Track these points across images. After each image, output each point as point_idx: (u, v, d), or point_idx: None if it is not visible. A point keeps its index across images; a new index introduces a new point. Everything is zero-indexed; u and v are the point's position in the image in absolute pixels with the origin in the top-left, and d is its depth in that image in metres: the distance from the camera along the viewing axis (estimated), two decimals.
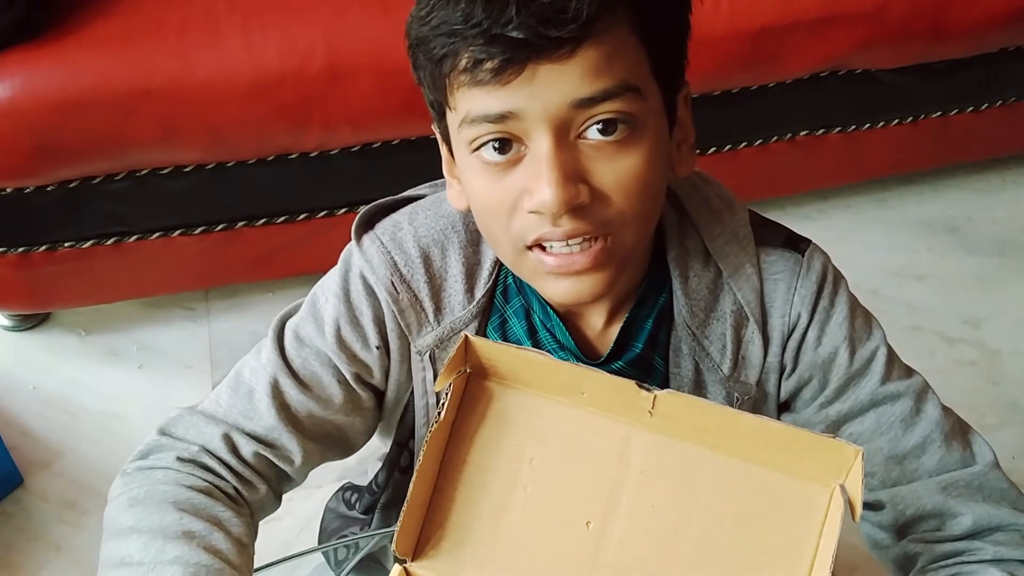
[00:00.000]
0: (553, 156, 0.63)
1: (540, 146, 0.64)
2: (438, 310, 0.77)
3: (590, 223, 0.65)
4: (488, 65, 0.62)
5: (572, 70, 0.62)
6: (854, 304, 0.78)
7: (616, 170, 0.65)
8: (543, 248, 0.67)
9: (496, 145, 0.65)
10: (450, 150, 0.72)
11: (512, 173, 0.66)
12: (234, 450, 0.76)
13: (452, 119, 0.68)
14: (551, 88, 0.62)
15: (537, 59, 0.61)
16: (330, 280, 0.80)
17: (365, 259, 0.77)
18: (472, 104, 0.64)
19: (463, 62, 0.63)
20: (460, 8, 0.62)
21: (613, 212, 0.66)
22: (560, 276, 0.68)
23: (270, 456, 0.77)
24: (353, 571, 0.97)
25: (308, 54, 1.39)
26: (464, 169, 0.69)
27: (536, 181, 0.64)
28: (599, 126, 0.64)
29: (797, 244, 0.78)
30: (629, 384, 0.63)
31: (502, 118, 0.63)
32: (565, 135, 0.64)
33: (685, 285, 0.76)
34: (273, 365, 0.78)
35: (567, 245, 0.66)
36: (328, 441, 0.81)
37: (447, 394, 0.64)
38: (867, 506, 0.79)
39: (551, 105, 0.62)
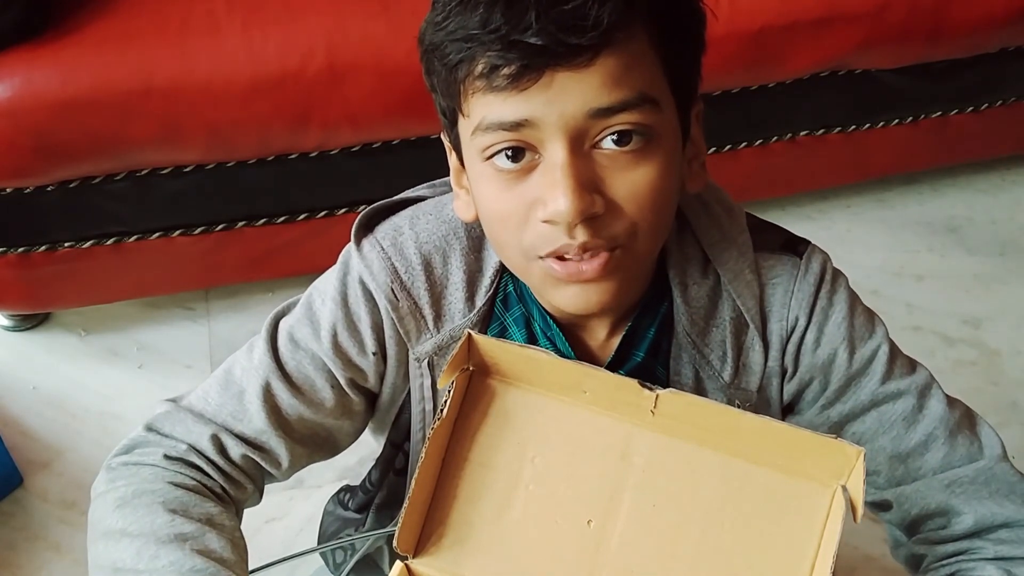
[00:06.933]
0: (568, 165, 0.62)
1: (555, 155, 0.63)
2: (438, 317, 0.77)
3: (604, 235, 0.64)
4: (505, 71, 0.61)
5: (590, 78, 0.61)
6: (854, 303, 0.78)
7: (630, 181, 0.64)
8: (555, 256, 0.66)
9: (509, 153, 0.64)
10: (459, 160, 0.71)
11: (525, 182, 0.65)
12: (222, 451, 0.76)
13: (464, 127, 0.67)
14: (568, 96, 0.61)
15: (555, 66, 0.60)
16: (327, 282, 0.79)
17: (364, 264, 0.76)
18: (487, 111, 0.63)
19: (479, 68, 0.62)
20: (478, 13, 0.61)
21: (626, 223, 0.65)
22: (569, 283, 0.67)
23: (258, 459, 0.77)
24: (351, 573, 0.97)
25: (308, 54, 1.38)
26: (475, 177, 0.68)
27: (551, 190, 0.63)
28: (614, 137, 0.63)
29: (795, 247, 0.78)
30: (631, 383, 0.63)
31: (517, 126, 0.63)
32: (580, 144, 0.63)
33: (685, 293, 0.76)
34: (265, 367, 0.77)
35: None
36: (316, 443, 0.81)
37: (450, 391, 0.64)
38: (876, 506, 0.79)
39: (568, 113, 0.62)
